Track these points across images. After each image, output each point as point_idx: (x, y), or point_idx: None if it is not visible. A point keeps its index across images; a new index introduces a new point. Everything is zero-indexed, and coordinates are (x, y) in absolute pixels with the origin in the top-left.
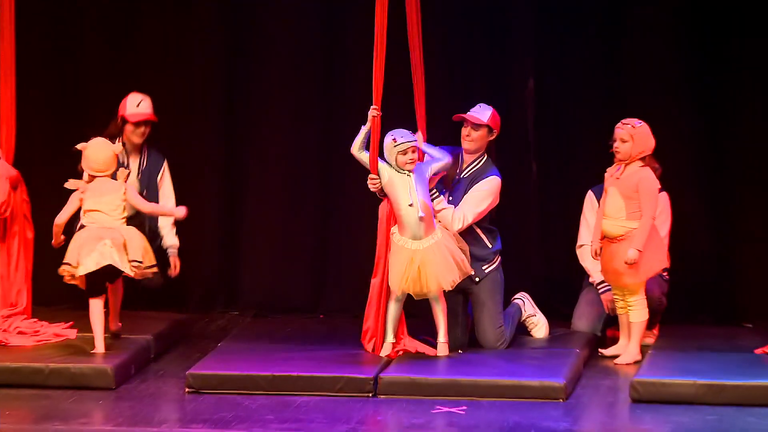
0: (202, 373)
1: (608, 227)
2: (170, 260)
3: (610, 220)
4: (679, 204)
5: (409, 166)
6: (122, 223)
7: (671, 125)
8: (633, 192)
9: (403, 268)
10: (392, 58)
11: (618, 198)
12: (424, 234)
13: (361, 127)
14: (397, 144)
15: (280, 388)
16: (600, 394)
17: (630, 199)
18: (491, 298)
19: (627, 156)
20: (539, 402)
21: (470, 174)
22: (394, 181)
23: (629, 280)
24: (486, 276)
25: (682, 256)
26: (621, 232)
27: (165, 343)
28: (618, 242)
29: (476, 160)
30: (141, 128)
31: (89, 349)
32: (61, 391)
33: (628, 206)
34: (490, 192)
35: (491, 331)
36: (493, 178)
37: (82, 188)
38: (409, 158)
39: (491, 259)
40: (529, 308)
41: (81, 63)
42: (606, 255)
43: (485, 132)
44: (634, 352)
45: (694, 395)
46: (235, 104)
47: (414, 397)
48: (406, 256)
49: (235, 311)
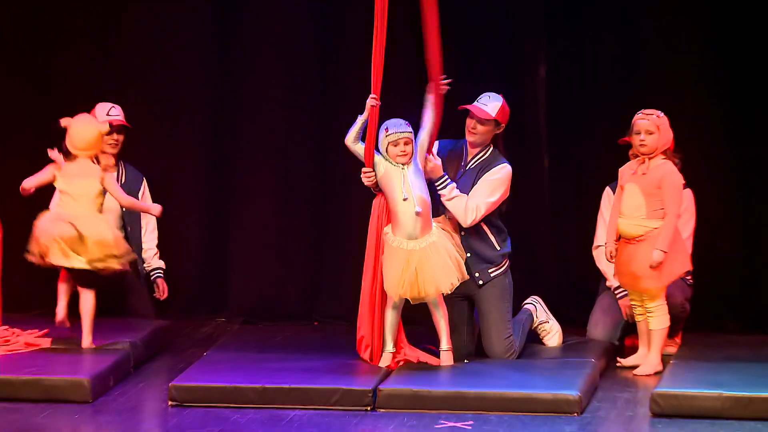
0: (186, 385)
1: (626, 227)
2: (157, 283)
3: (628, 219)
4: (702, 203)
5: (401, 159)
6: (92, 212)
7: (693, 117)
8: (655, 188)
9: (400, 272)
10: (391, 49)
11: (637, 195)
12: (420, 233)
13: (358, 117)
14: (388, 134)
15: (271, 401)
16: (618, 407)
17: (651, 196)
18: (497, 306)
19: (653, 149)
20: (552, 416)
21: (477, 165)
22: (390, 174)
23: (650, 284)
24: (491, 280)
25: (707, 259)
26: (640, 232)
27: (146, 352)
28: (637, 243)
29: (482, 151)
30: (114, 136)
31: (66, 354)
32: (34, 405)
33: (649, 204)
34: (502, 181)
35: (498, 342)
36: (504, 166)
37: (59, 163)
38: (400, 150)
39: (499, 262)
40: (542, 314)
41: (58, 62)
42: (623, 257)
43: (492, 126)
44: (654, 362)
45: (720, 409)
46: (223, 104)
47: (416, 411)
48: (401, 257)
49: (222, 318)
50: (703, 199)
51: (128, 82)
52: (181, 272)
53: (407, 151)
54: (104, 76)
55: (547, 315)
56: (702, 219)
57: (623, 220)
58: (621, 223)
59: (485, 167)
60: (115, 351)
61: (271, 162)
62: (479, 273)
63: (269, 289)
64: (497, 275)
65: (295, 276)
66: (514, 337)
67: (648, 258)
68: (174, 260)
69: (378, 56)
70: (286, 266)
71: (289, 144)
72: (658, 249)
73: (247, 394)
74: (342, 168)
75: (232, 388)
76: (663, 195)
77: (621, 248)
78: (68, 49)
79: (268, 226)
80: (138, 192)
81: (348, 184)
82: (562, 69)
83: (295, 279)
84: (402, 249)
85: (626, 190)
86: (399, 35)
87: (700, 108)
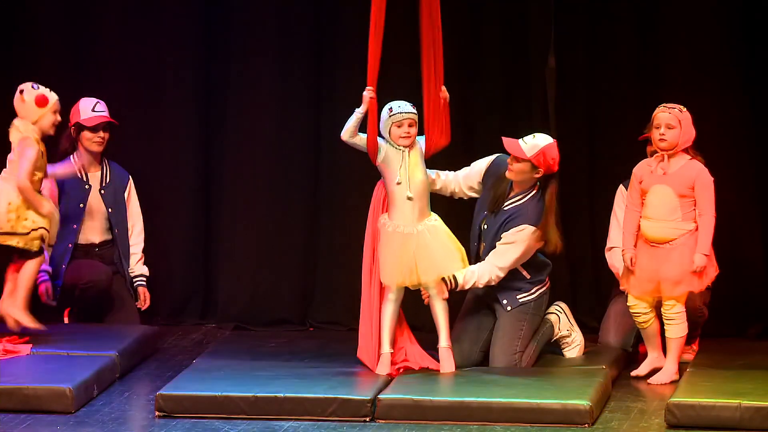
0: (174, 395)
1: (657, 231)
2: (138, 292)
3: (659, 222)
4: (722, 203)
5: (403, 141)
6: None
7: (712, 113)
8: (687, 189)
9: (396, 257)
10: (388, 39)
11: (670, 197)
12: (417, 219)
13: (355, 111)
14: (392, 114)
15: (264, 412)
16: (631, 418)
17: (685, 197)
18: (513, 325)
19: (674, 144)
20: (561, 427)
21: (510, 208)
22: (390, 157)
23: (688, 289)
24: (518, 306)
25: (726, 262)
26: (673, 236)
27: (132, 360)
28: (669, 247)
29: (522, 193)
30: (100, 134)
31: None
32: (13, 415)
33: (683, 205)
34: (518, 243)
35: (502, 356)
36: (523, 228)
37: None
38: (404, 131)
39: (527, 289)
40: (564, 325)
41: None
42: (650, 261)
43: (528, 167)
44: (671, 370)
45: (739, 419)
46: (213, 101)
47: (417, 422)
48: (398, 242)
49: (212, 323)
50: (722, 199)
51: (110, 75)
52: (168, 276)
53: (411, 133)
54: (86, 69)
55: (571, 327)
56: (722, 220)
57: (652, 224)
58: (649, 227)
59: (514, 217)
60: (99, 359)
61: (262, 162)
62: (506, 300)
63: (261, 293)
64: (526, 301)
65: (288, 279)
66: (526, 352)
67: (685, 263)
68: (161, 263)
69: (374, 47)
70: (279, 268)
71: (281, 144)
72: (700, 253)
73: (238, 405)
74: (336, 169)
75: (222, 398)
76: (697, 195)
77: (644, 252)
78: (48, 40)
79: (259, 227)
80: (124, 191)
81: (342, 184)
82: (572, 60)
83: (289, 282)
84: (399, 233)
85: (654, 192)
86: (396, 24)
87: (720, 104)
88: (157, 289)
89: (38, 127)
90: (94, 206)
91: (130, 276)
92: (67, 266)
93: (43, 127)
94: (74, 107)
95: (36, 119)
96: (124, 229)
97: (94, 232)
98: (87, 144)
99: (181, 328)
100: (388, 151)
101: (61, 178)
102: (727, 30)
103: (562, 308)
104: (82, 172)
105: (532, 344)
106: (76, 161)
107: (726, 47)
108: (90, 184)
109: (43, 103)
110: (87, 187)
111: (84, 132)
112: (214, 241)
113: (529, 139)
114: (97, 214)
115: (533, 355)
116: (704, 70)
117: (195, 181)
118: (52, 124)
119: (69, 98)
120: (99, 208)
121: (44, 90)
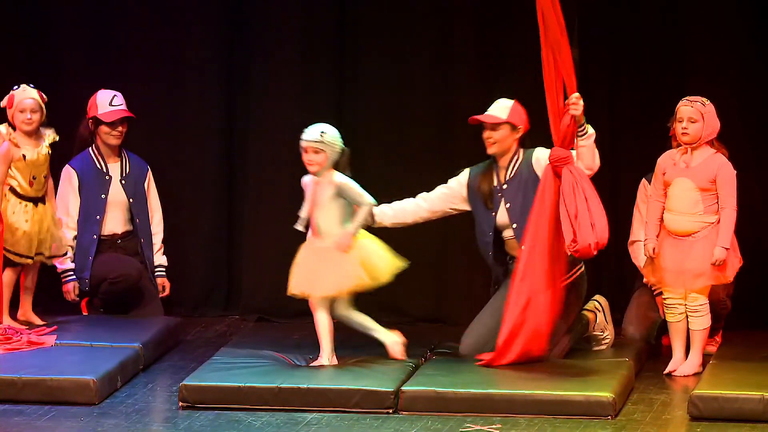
0: (197, 386)
1: (680, 224)
2: (157, 282)
3: (682, 215)
4: (745, 193)
5: (309, 168)
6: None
7: (737, 103)
8: (709, 182)
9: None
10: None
11: (692, 191)
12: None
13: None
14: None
15: (287, 403)
16: (654, 410)
17: (707, 190)
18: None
19: (696, 138)
20: (584, 419)
21: (516, 174)
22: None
23: (710, 281)
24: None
25: (750, 253)
26: (696, 229)
27: (156, 352)
28: (693, 239)
29: (512, 160)
30: (118, 128)
31: (71, 353)
32: (37, 407)
33: (705, 199)
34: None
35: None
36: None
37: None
38: (306, 159)
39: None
40: (600, 325)
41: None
42: (671, 254)
43: (508, 130)
44: (695, 363)
45: (762, 411)
46: (236, 92)
47: (440, 414)
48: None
49: (235, 315)
50: (746, 191)
51: (131, 65)
52: (192, 267)
53: (310, 160)
54: (105, 58)
55: (607, 325)
56: (745, 212)
57: (675, 217)
58: (672, 220)
59: (531, 171)
60: (123, 350)
61: (285, 153)
62: None
63: (285, 285)
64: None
65: None
66: (559, 345)
67: (707, 256)
68: (184, 255)
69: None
70: None
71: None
72: (720, 246)
73: (261, 396)
74: (360, 159)
75: (245, 389)
76: (718, 189)
77: (667, 245)
78: (70, 33)
79: (283, 219)
80: (144, 182)
81: (366, 174)
82: (595, 52)
83: None
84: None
85: (676, 184)
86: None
87: (744, 96)
88: (180, 281)
89: (18, 129)
90: (116, 197)
91: (152, 266)
92: (94, 258)
93: (22, 130)
94: (91, 100)
95: (12, 120)
96: (145, 219)
97: (117, 223)
98: (104, 138)
99: (205, 319)
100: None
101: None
102: (752, 23)
103: (602, 305)
104: (101, 163)
105: (565, 338)
106: (94, 152)
107: (751, 40)
108: (110, 175)
109: (10, 104)
110: (107, 178)
111: (102, 126)
112: (238, 233)
113: (494, 107)
114: (119, 205)
115: (566, 348)
116: (728, 63)
117: (219, 172)
118: (21, 122)
119: (91, 91)
120: (120, 198)
121: (18, 90)
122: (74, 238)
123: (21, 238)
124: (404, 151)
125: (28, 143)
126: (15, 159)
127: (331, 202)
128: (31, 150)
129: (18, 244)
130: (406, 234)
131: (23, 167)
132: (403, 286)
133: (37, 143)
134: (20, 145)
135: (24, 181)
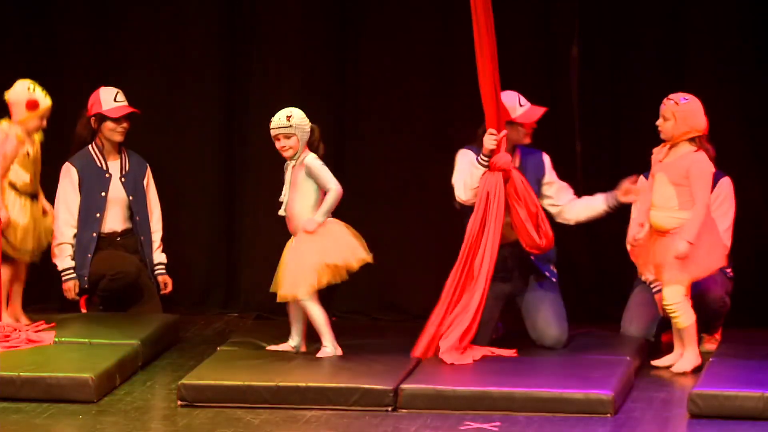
0: (196, 384)
1: (658, 219)
2: (158, 280)
3: (660, 210)
4: (743, 191)
5: (285, 154)
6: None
7: (737, 105)
8: (683, 178)
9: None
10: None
11: (667, 186)
12: (294, 234)
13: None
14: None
15: (286, 401)
16: (654, 408)
17: (681, 186)
18: (554, 294)
19: (669, 136)
20: (584, 417)
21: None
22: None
23: (673, 277)
24: (555, 275)
25: (748, 251)
26: (674, 224)
27: (154, 349)
28: (672, 235)
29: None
30: (123, 124)
31: (70, 351)
32: (35, 405)
33: (680, 194)
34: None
35: (555, 325)
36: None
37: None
38: (279, 146)
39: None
40: None
41: (57, 41)
42: (652, 248)
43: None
44: (692, 359)
45: (762, 409)
46: (236, 90)
47: (440, 412)
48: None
49: (234, 312)
50: (745, 192)
51: (130, 60)
52: (190, 265)
53: (281, 146)
54: (105, 54)
55: None
56: (743, 208)
57: (655, 212)
58: (653, 216)
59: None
60: (122, 348)
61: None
62: (549, 272)
63: None
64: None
65: None
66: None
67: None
68: (183, 253)
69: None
70: None
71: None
72: (683, 239)
73: (260, 394)
74: (361, 156)
75: (245, 387)
76: (691, 184)
77: (653, 239)
78: (72, 30)
79: (282, 217)
80: (143, 179)
81: (366, 171)
82: (597, 49)
83: None
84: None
85: (656, 180)
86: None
87: (744, 97)
88: (179, 279)
89: (23, 126)
90: (116, 195)
91: (152, 264)
92: (93, 255)
93: (28, 129)
94: (94, 97)
95: (22, 119)
96: (145, 217)
97: (116, 221)
98: (109, 134)
99: (204, 317)
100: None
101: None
102: (752, 23)
103: None
104: (101, 160)
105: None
106: (93, 150)
107: (751, 40)
108: (110, 173)
109: (34, 107)
110: (107, 175)
111: (106, 122)
112: (237, 231)
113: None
114: (119, 203)
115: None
116: (728, 65)
117: (218, 170)
118: (36, 128)
119: (92, 88)
120: (120, 196)
121: (38, 95)
122: (74, 236)
123: (20, 233)
124: (404, 151)
125: (28, 140)
126: (21, 155)
127: (303, 183)
128: (31, 147)
129: (17, 238)
130: (407, 231)
131: (28, 163)
132: (403, 284)
133: (32, 140)
134: (24, 142)
135: (27, 177)
